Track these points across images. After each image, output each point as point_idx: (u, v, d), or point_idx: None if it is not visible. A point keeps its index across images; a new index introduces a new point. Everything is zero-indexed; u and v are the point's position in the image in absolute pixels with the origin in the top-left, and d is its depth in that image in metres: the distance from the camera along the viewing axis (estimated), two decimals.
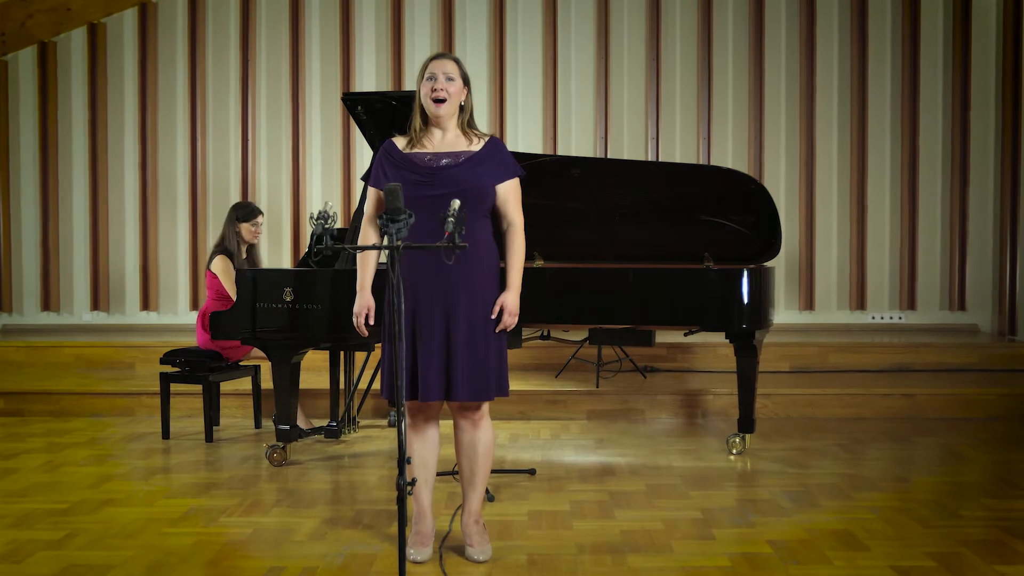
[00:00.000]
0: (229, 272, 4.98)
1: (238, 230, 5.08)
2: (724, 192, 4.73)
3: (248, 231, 5.09)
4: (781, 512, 3.56)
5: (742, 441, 4.54)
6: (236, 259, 5.05)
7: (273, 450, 4.38)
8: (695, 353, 6.33)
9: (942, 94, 7.56)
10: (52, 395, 5.66)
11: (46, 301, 8.02)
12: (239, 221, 5.08)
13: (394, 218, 2.58)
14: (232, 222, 5.09)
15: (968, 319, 7.55)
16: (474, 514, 3.09)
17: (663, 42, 7.71)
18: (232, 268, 4.98)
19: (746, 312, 4.34)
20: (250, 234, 5.10)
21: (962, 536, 3.24)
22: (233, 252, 5.05)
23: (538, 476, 4.13)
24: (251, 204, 5.19)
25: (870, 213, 7.61)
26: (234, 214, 5.11)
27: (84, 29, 7.97)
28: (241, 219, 5.09)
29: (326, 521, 3.48)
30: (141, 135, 7.94)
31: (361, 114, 4.39)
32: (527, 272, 3.99)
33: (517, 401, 5.44)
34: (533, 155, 4.82)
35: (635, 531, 3.33)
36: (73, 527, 3.39)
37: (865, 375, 6.06)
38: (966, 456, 4.52)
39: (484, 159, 2.99)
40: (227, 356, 5.01)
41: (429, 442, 3.11)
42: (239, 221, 5.08)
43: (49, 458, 4.53)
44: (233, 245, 5.06)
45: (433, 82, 2.95)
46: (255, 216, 5.12)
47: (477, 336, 2.93)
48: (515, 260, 3.02)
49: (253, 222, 5.10)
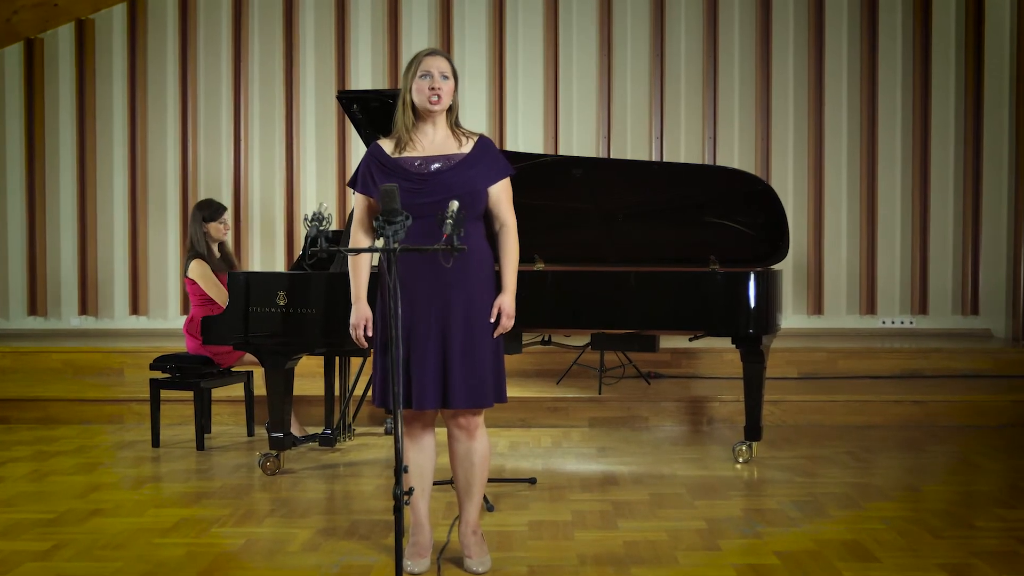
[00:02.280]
0: (208, 275, 4.96)
1: (206, 230, 5.04)
2: (730, 193, 4.73)
3: (216, 229, 5.06)
4: (789, 522, 3.57)
5: (748, 449, 4.55)
6: (211, 260, 5.03)
7: (266, 458, 4.38)
8: (700, 359, 6.33)
9: (954, 94, 7.56)
10: (39, 402, 5.66)
11: (32, 305, 8.02)
12: (205, 221, 5.04)
13: (391, 220, 2.59)
14: (198, 223, 5.04)
15: (981, 324, 7.55)
16: (472, 525, 3.09)
17: (667, 38, 7.72)
18: (210, 271, 4.97)
19: (753, 316, 4.35)
20: (219, 232, 5.07)
21: (975, 547, 3.24)
22: (205, 254, 5.02)
23: (539, 485, 4.13)
24: (214, 201, 5.13)
25: (880, 214, 7.62)
26: (199, 214, 5.06)
27: (71, 25, 7.99)
28: (207, 219, 5.05)
29: (321, 532, 3.48)
30: (130, 134, 7.96)
31: (356, 113, 4.40)
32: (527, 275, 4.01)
33: (517, 408, 5.45)
34: (533, 155, 4.82)
35: (638, 542, 3.33)
36: (61, 538, 3.40)
37: (875, 381, 6.07)
38: (979, 465, 4.52)
39: (476, 161, 2.99)
40: (219, 362, 5.02)
41: (425, 450, 3.11)
42: (205, 221, 5.04)
43: (36, 467, 4.53)
44: (203, 247, 5.01)
45: (430, 80, 2.96)
46: (221, 214, 5.08)
47: (473, 341, 2.93)
48: (510, 261, 3.02)
49: (220, 220, 5.07)
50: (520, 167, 3.50)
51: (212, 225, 5.05)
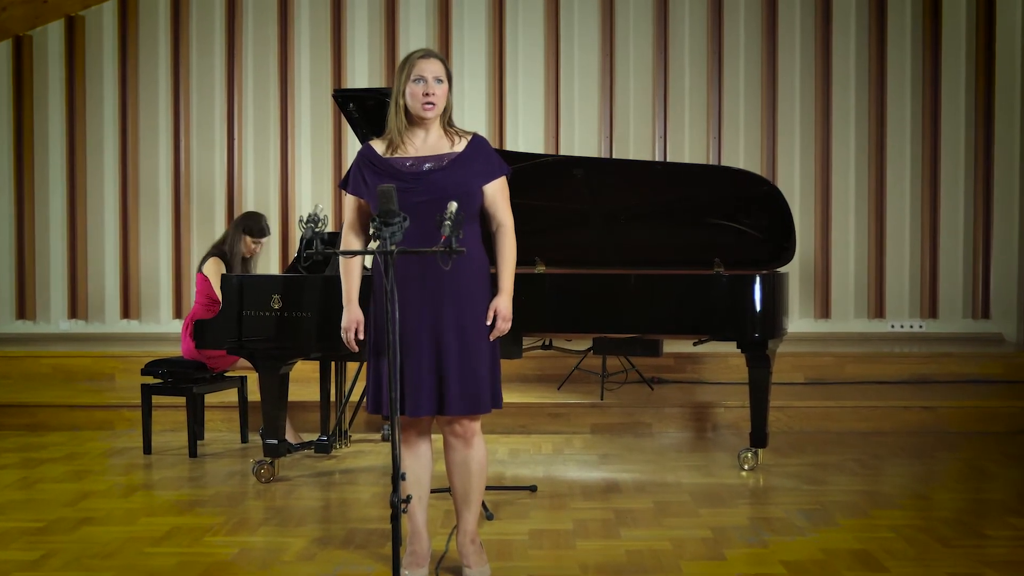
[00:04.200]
0: (220, 275, 4.94)
1: (242, 240, 5.03)
2: (735, 193, 4.74)
3: (249, 245, 5.05)
4: (795, 531, 3.57)
5: (754, 456, 4.55)
6: (231, 265, 5.02)
7: (260, 466, 4.38)
8: (704, 364, 6.33)
9: (965, 94, 7.56)
10: (28, 407, 5.66)
11: (21, 309, 8.02)
12: (245, 233, 5.03)
13: (388, 221, 2.59)
14: (238, 230, 5.03)
15: (992, 328, 7.55)
16: (470, 534, 3.10)
17: (671, 36, 7.73)
18: (224, 272, 4.95)
19: (758, 320, 4.35)
20: (249, 248, 5.06)
21: (986, 557, 3.24)
22: (228, 257, 5.00)
23: (539, 493, 4.13)
24: (264, 220, 5.12)
25: (889, 216, 7.62)
26: (243, 223, 5.05)
27: (61, 22, 7.99)
28: (248, 231, 5.03)
29: (316, 541, 3.48)
30: (121, 134, 7.96)
31: (353, 112, 4.40)
32: (527, 278, 4.01)
33: (517, 414, 5.45)
34: (534, 155, 4.83)
35: (641, 551, 3.33)
36: (50, 547, 3.40)
37: (884, 387, 6.07)
38: (990, 472, 4.52)
39: (468, 160, 2.99)
40: (212, 366, 5.02)
41: (422, 458, 3.11)
42: (245, 233, 5.03)
43: (25, 474, 4.54)
44: (230, 251, 5.00)
45: (423, 85, 2.95)
46: (263, 235, 5.08)
47: (469, 347, 2.93)
48: (507, 263, 3.02)
49: (258, 240, 5.06)
50: (520, 167, 3.50)
51: (249, 239, 5.03)
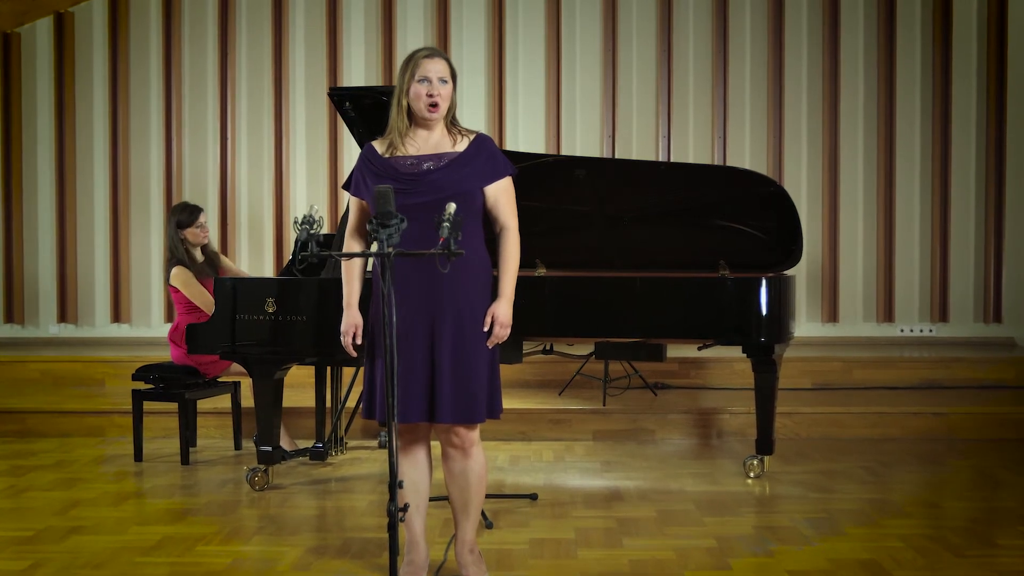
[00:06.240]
0: (190, 282, 4.92)
1: (183, 237, 5.00)
2: (741, 195, 4.75)
3: (194, 235, 5.01)
4: (802, 540, 3.57)
5: (760, 463, 4.55)
6: (194, 266, 5.01)
7: (254, 473, 4.39)
8: (709, 369, 6.34)
9: (975, 94, 7.57)
10: (15, 413, 5.66)
11: (9, 312, 8.03)
12: (180, 228, 4.99)
13: (385, 223, 2.60)
14: (174, 230, 5.00)
15: (1004, 332, 7.55)
16: (468, 543, 3.10)
17: (675, 33, 7.74)
18: (193, 277, 4.94)
19: (765, 324, 4.36)
20: (196, 237, 5.02)
21: (998, 566, 3.24)
22: (185, 260, 4.98)
23: (540, 501, 4.13)
24: (188, 204, 5.08)
25: (898, 218, 7.63)
26: (173, 221, 5.01)
27: (50, 19, 8.01)
28: (182, 224, 4.99)
29: (311, 550, 3.49)
30: (112, 134, 7.97)
31: (349, 111, 4.41)
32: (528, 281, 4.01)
33: (518, 420, 5.45)
34: (534, 155, 4.84)
35: (645, 560, 3.34)
36: (38, 556, 3.40)
37: (893, 392, 6.07)
38: (1002, 480, 4.53)
39: (469, 160, 2.99)
40: (204, 372, 5.02)
41: (420, 466, 3.11)
42: (180, 228, 4.99)
43: (12, 482, 4.54)
44: (181, 253, 4.97)
45: (428, 86, 2.95)
46: (196, 217, 5.02)
47: (465, 352, 2.93)
48: (509, 267, 3.02)
49: (196, 224, 5.02)
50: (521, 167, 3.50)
51: (189, 231, 5.00)
